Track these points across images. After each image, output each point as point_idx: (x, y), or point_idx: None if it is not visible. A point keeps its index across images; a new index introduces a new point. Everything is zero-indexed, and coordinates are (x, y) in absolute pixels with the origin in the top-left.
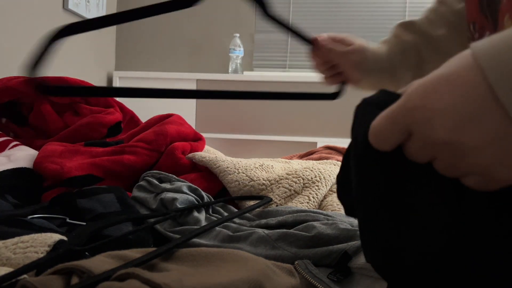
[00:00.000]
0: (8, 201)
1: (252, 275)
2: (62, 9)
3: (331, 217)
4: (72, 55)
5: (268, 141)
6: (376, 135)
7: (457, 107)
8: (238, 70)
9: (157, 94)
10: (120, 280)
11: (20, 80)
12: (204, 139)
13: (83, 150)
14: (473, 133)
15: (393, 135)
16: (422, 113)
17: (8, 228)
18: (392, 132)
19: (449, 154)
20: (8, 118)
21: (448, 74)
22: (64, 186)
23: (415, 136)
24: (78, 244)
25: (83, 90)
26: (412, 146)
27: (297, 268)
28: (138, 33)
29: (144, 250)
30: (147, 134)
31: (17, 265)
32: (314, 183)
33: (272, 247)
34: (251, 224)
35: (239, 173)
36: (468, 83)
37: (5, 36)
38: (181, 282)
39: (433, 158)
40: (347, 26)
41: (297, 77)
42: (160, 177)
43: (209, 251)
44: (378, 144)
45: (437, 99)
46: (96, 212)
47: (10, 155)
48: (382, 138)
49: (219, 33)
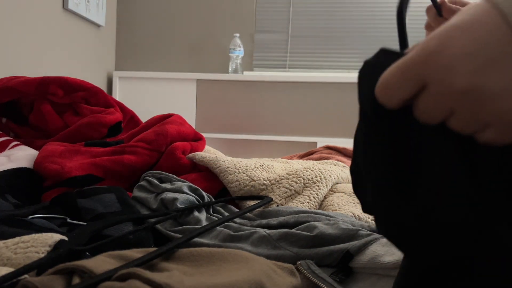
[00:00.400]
0: (9, 201)
1: (253, 275)
2: (62, 9)
3: (332, 217)
4: (72, 55)
5: (268, 141)
6: (384, 88)
7: (478, 52)
8: (238, 70)
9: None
10: (121, 280)
11: (20, 80)
12: (204, 139)
13: (83, 150)
14: (495, 77)
15: (404, 87)
16: (440, 61)
17: (8, 228)
18: (402, 83)
19: (469, 104)
20: (8, 118)
21: (465, 21)
22: (64, 186)
23: (431, 88)
24: (78, 244)
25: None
26: (427, 100)
27: (299, 268)
28: (138, 33)
29: (145, 250)
30: (147, 134)
31: (18, 265)
32: (314, 183)
33: (273, 247)
34: (252, 224)
35: (240, 173)
36: (488, 26)
37: (5, 36)
38: (182, 282)
39: (449, 113)
40: (347, 26)
41: (297, 77)
42: (160, 177)
43: (210, 251)
44: (386, 98)
45: (455, 46)
46: (97, 212)
47: (11, 155)
48: (391, 91)
49: (219, 33)
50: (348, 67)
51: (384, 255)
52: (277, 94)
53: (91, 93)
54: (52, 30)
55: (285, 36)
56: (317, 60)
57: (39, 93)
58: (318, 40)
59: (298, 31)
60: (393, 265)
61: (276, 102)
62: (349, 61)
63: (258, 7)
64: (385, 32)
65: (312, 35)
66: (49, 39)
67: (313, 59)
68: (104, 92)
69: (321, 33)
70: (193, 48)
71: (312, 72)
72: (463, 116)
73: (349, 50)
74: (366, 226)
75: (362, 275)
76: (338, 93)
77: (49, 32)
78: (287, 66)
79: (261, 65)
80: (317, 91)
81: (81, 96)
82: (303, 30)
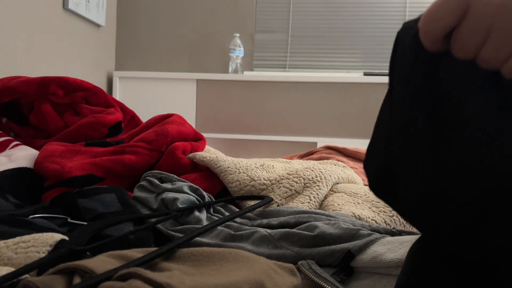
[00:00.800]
0: (9, 201)
1: (254, 274)
2: (62, 9)
3: (333, 217)
4: (72, 55)
5: (268, 141)
6: (429, 17)
7: None
8: (238, 70)
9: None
10: (122, 279)
11: (20, 80)
12: (204, 139)
13: (83, 150)
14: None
15: (448, 13)
16: None
17: (9, 228)
18: (446, 10)
19: (506, 18)
20: (8, 118)
21: None
22: (64, 186)
23: (472, 8)
24: (79, 244)
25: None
26: (467, 23)
27: (301, 268)
28: (138, 33)
29: (146, 250)
30: (147, 134)
31: (19, 265)
32: (315, 183)
33: (274, 246)
34: (252, 223)
35: (240, 173)
36: None
37: (5, 36)
38: (183, 282)
39: (486, 34)
40: (347, 26)
41: (297, 77)
42: (161, 177)
43: (210, 250)
44: (431, 27)
45: None
46: (97, 212)
47: (11, 155)
48: (435, 20)
49: (219, 33)
50: (348, 67)
51: (386, 253)
52: (277, 94)
53: (91, 93)
54: (52, 30)
55: (285, 36)
56: (317, 60)
57: (39, 93)
58: (318, 40)
59: (298, 31)
60: (395, 263)
61: (276, 102)
62: (349, 61)
63: (258, 7)
64: (385, 32)
65: (312, 35)
66: (49, 39)
67: (313, 59)
68: (104, 92)
69: (321, 33)
70: (193, 48)
71: (312, 72)
72: (498, 35)
73: (349, 50)
74: (367, 226)
75: (364, 275)
76: (338, 93)
77: (49, 32)
78: (287, 66)
79: (261, 65)
80: (317, 91)
81: (81, 96)
82: (303, 30)
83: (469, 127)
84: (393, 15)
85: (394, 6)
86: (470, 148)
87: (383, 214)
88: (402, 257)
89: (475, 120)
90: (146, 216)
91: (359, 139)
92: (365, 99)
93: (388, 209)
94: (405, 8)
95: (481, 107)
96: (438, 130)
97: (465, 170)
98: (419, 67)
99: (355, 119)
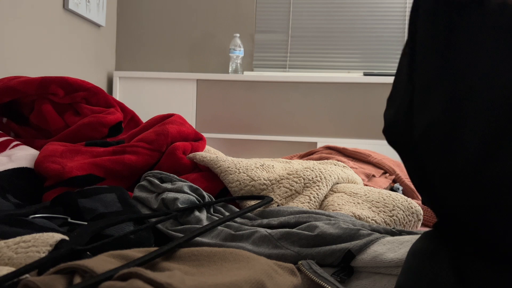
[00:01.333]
0: (10, 200)
1: (254, 274)
2: (62, 9)
3: (333, 217)
4: (72, 55)
5: (268, 141)
6: None
7: None
8: (238, 70)
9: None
10: (123, 279)
11: (20, 80)
12: (205, 139)
13: (84, 150)
14: None
15: None
16: None
17: (9, 227)
18: None
19: None
20: (9, 118)
21: None
22: (65, 186)
23: None
24: (79, 243)
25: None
26: None
27: (301, 268)
28: (138, 33)
29: (146, 250)
30: (148, 134)
31: (19, 265)
32: (315, 183)
33: (274, 246)
34: (252, 223)
35: (240, 173)
36: None
37: (5, 36)
38: (184, 282)
39: None
40: (347, 26)
41: (297, 77)
42: (161, 177)
43: (211, 250)
44: None
45: None
46: (98, 211)
47: (11, 154)
48: None
49: (219, 33)
50: (348, 67)
51: (386, 253)
52: (277, 94)
53: (92, 93)
54: (52, 30)
55: (285, 36)
56: (317, 60)
57: (40, 93)
58: (318, 40)
59: (298, 31)
60: (395, 263)
61: (276, 102)
62: (349, 61)
63: (258, 7)
64: (385, 32)
65: (312, 35)
66: (50, 39)
67: (313, 59)
68: (104, 92)
69: (321, 33)
70: (193, 48)
71: (312, 72)
72: None
73: (349, 50)
74: (367, 226)
75: (364, 274)
76: (338, 93)
77: (50, 32)
78: (287, 66)
79: (261, 65)
80: (317, 91)
81: (81, 96)
82: (303, 30)
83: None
84: (393, 15)
85: (394, 6)
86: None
87: (383, 214)
88: (402, 257)
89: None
90: (146, 216)
91: (359, 139)
92: (365, 99)
93: (388, 209)
94: (405, 8)
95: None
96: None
97: (479, 101)
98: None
99: (355, 119)
